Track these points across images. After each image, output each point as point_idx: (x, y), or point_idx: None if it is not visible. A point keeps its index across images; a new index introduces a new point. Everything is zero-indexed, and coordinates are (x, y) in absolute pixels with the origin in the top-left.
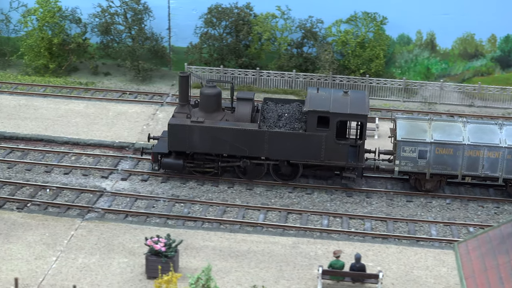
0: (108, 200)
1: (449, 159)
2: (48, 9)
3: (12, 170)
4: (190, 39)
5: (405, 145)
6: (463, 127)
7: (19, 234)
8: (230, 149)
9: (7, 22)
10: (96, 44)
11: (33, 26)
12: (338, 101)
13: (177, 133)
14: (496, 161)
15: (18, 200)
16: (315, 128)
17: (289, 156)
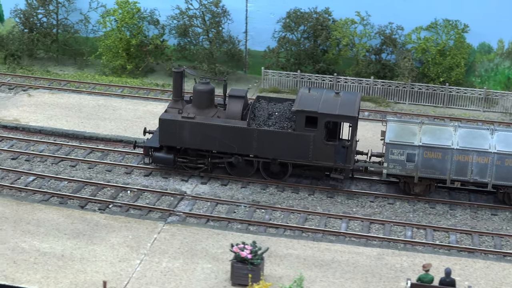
0: (189, 203)
1: (437, 163)
2: (127, 10)
3: (93, 170)
4: (267, 43)
5: (393, 147)
6: (454, 132)
7: (102, 236)
8: (220, 146)
9: (86, 22)
10: (173, 46)
11: (111, 27)
12: (328, 101)
13: (168, 128)
14: (485, 166)
15: (100, 201)
16: (303, 128)
17: (277, 155)
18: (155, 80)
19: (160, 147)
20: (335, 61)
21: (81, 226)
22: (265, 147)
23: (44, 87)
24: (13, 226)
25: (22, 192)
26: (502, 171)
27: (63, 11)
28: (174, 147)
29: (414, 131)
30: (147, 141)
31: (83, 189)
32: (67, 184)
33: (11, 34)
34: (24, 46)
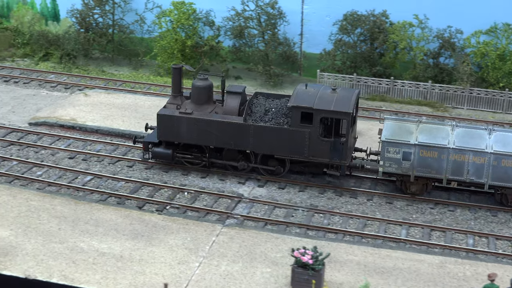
0: (247, 206)
1: (433, 162)
2: (183, 11)
3: (150, 171)
4: (322, 45)
5: (389, 145)
6: (451, 131)
7: (161, 237)
8: (217, 142)
9: (141, 23)
10: (228, 47)
11: (167, 28)
12: (323, 98)
13: (166, 123)
14: (482, 166)
15: (158, 202)
16: (299, 124)
17: (273, 151)
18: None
19: (159, 142)
20: (392, 64)
21: (139, 227)
22: (261, 143)
23: (100, 87)
24: (72, 225)
25: (79, 192)
26: (499, 172)
27: (119, 12)
28: (172, 143)
29: (411, 130)
30: (147, 137)
31: (140, 190)
32: (124, 184)
33: (67, 34)
34: (80, 46)
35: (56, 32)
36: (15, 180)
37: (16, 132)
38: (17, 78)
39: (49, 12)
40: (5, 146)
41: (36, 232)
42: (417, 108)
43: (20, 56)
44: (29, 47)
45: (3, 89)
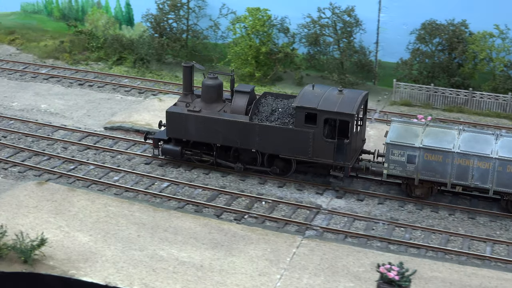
0: (326, 218)
1: (438, 166)
2: (258, 17)
3: (226, 179)
4: (399, 54)
5: (394, 148)
6: (457, 135)
7: (240, 247)
8: (223, 140)
9: (215, 28)
10: (302, 54)
11: (241, 34)
12: (329, 99)
13: (175, 121)
14: (487, 172)
15: (235, 211)
16: (303, 124)
17: (278, 150)
18: (283, 89)
19: (168, 139)
20: (470, 75)
21: (218, 236)
22: (266, 142)
23: (174, 92)
24: (151, 233)
25: (157, 198)
26: (504, 178)
27: (193, 17)
28: (181, 140)
29: (417, 133)
30: (157, 134)
31: (217, 198)
32: (201, 191)
33: (141, 39)
34: (154, 50)
35: (130, 37)
36: (92, 184)
37: (92, 136)
38: (91, 81)
39: (123, 16)
40: (82, 150)
41: (115, 239)
42: (496, 121)
43: (94, 59)
44: (103, 51)
45: (78, 92)
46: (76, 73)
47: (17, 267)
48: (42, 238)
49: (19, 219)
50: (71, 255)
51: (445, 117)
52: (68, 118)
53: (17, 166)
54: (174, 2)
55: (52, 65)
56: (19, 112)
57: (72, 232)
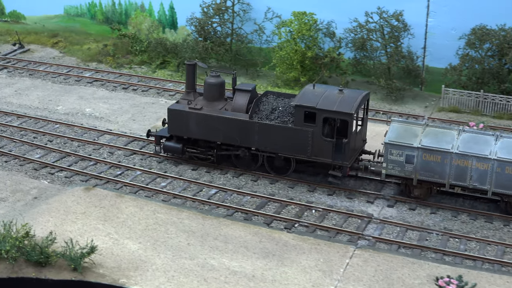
0: (378, 227)
1: (436, 167)
2: (304, 21)
3: (275, 186)
4: (447, 59)
5: (393, 148)
6: (457, 135)
7: (292, 257)
8: (224, 138)
9: (260, 32)
10: (348, 59)
11: (286, 38)
12: (328, 98)
13: (176, 118)
14: (485, 173)
15: (285, 219)
16: (303, 123)
17: (278, 149)
18: None
19: (170, 136)
20: None
21: (269, 246)
22: (266, 140)
23: None
24: (201, 241)
25: (205, 205)
26: (502, 179)
27: (238, 21)
28: (183, 137)
29: (416, 133)
30: (159, 131)
31: (266, 206)
32: (250, 199)
33: (185, 42)
34: (198, 54)
35: (174, 40)
36: (139, 190)
37: (137, 141)
38: (135, 85)
39: (166, 19)
40: (128, 155)
41: (165, 247)
42: None
43: (137, 63)
44: (146, 54)
45: (122, 96)
46: (120, 76)
47: (66, 274)
48: (92, 246)
49: (68, 226)
50: (121, 263)
51: (495, 124)
52: (113, 122)
53: (63, 171)
54: (219, 5)
55: (96, 69)
56: (64, 116)
57: (121, 240)
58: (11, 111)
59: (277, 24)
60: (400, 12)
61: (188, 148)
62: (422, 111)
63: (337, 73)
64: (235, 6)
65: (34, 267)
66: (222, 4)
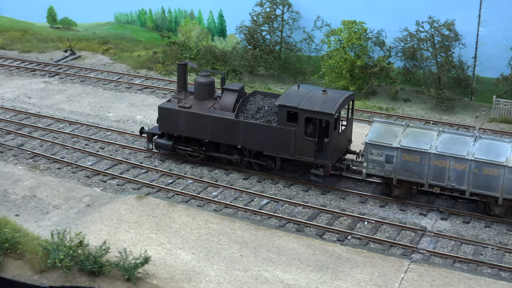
0: (431, 241)
1: (415, 167)
2: (354, 30)
3: (326, 197)
4: (498, 69)
5: (373, 148)
6: (436, 136)
7: (347, 271)
8: (211, 136)
9: (309, 41)
10: (398, 68)
11: (336, 47)
12: (311, 98)
13: (166, 116)
14: (463, 173)
15: (338, 231)
16: (285, 122)
17: (262, 147)
18: (378, 103)
19: (162, 134)
20: None
21: (323, 258)
22: (251, 139)
23: None
24: (254, 252)
25: (257, 215)
26: (480, 180)
27: (287, 29)
28: (173, 135)
29: (397, 133)
30: (151, 129)
31: (318, 217)
32: (301, 209)
33: (234, 50)
34: (247, 62)
35: (223, 48)
36: (191, 199)
37: None
38: None
39: (216, 27)
40: (179, 163)
41: (218, 258)
42: None
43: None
44: (195, 61)
45: None
46: (169, 84)
47: (119, 284)
48: (146, 256)
49: (121, 235)
50: (174, 274)
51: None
52: None
53: (116, 179)
54: (268, 14)
55: (146, 76)
56: (115, 123)
57: (174, 250)
58: (63, 117)
59: (327, 33)
60: (451, 22)
61: (178, 145)
62: (473, 121)
63: (387, 82)
64: (284, 15)
65: (87, 277)
66: (271, 13)
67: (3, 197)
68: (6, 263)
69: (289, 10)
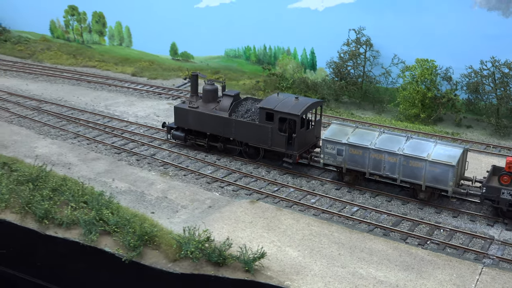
0: (499, 248)
1: (359, 159)
2: (426, 67)
3: (406, 206)
4: None
5: (327, 143)
6: (377, 136)
7: (429, 271)
8: (211, 130)
9: (387, 75)
10: (462, 100)
11: (410, 80)
12: (285, 103)
13: (179, 113)
14: (394, 165)
15: (418, 236)
16: (265, 121)
17: (248, 140)
18: (445, 128)
19: (177, 127)
20: None
21: (408, 259)
22: (240, 133)
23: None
24: (350, 252)
25: (349, 221)
26: (407, 170)
27: (368, 65)
28: (184, 128)
29: (347, 133)
30: (170, 123)
31: (401, 223)
32: (386, 217)
33: (324, 81)
34: (333, 91)
35: (313, 79)
36: (294, 205)
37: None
38: None
39: (307, 62)
40: (282, 174)
41: (320, 255)
42: None
43: None
44: (291, 90)
45: None
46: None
47: (240, 274)
48: (263, 252)
49: (239, 232)
50: (284, 267)
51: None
52: None
53: (231, 185)
54: (353, 52)
55: None
56: None
57: (283, 247)
58: None
59: (402, 69)
60: (511, 62)
61: (189, 137)
62: None
63: (452, 111)
64: (366, 53)
65: (213, 266)
66: (356, 51)
67: (141, 197)
68: (146, 252)
69: (370, 49)
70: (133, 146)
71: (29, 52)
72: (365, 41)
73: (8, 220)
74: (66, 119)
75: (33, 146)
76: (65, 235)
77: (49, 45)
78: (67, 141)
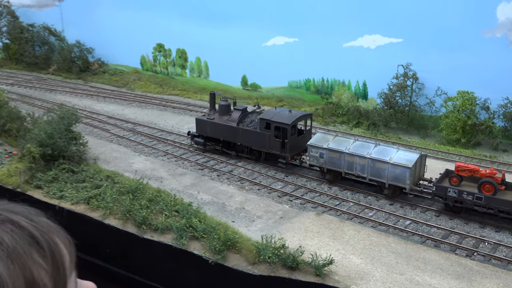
0: None
1: (336, 161)
2: (466, 98)
3: (453, 221)
4: None
5: (312, 148)
6: (352, 143)
7: (478, 280)
8: (224, 137)
9: (431, 105)
10: (499, 127)
11: (452, 110)
12: (280, 115)
13: (200, 123)
14: (364, 166)
15: (467, 248)
16: (264, 129)
17: (252, 144)
18: (482, 152)
19: (198, 135)
20: None
21: (459, 269)
22: (245, 139)
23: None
24: (406, 261)
25: (403, 233)
26: (374, 170)
27: (414, 95)
28: (203, 135)
29: (328, 140)
30: (193, 132)
31: (449, 236)
32: (436, 230)
33: (375, 110)
34: (383, 118)
35: (365, 107)
36: (354, 217)
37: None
38: None
39: (360, 92)
40: (342, 190)
41: (380, 263)
42: None
43: (339, 122)
44: (346, 117)
45: None
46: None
47: (311, 278)
48: (331, 259)
49: (308, 241)
50: (349, 273)
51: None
52: None
53: (298, 199)
54: (401, 84)
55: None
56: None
57: (347, 255)
58: None
59: (445, 99)
60: None
61: (207, 142)
62: None
63: (490, 136)
64: (413, 85)
65: (287, 270)
66: (403, 84)
67: (222, 207)
68: (229, 256)
69: (416, 82)
70: (214, 163)
71: (123, 82)
72: (412, 75)
73: (112, 225)
74: (157, 139)
75: (131, 162)
76: (159, 239)
77: (140, 76)
78: (158, 158)
